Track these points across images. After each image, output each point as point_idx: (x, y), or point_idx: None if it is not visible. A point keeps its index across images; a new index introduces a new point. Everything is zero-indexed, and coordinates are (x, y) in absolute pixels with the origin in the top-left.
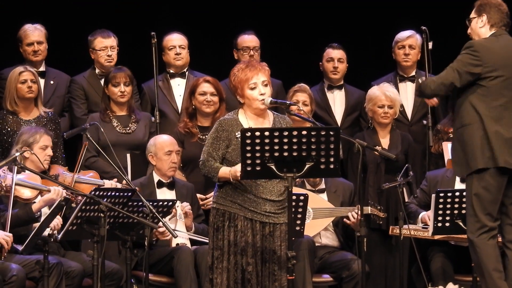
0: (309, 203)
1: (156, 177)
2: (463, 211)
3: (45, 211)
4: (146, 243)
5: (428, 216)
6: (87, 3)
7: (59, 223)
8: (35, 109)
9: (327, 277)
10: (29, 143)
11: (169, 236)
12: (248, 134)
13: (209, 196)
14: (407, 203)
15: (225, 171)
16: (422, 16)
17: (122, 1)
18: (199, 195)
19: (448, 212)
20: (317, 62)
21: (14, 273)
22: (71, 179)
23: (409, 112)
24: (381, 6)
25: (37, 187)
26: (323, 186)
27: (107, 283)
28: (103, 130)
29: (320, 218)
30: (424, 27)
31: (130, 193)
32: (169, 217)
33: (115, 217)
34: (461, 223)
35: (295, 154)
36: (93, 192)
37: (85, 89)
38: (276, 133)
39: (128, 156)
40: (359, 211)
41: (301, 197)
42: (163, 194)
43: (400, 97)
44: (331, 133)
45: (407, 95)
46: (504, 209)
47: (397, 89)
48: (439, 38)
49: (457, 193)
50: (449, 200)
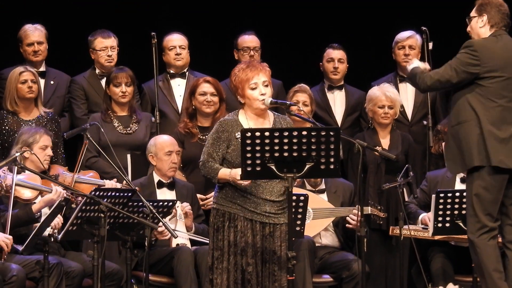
0: (309, 203)
1: (156, 177)
2: (463, 212)
3: (45, 211)
4: (146, 243)
5: (428, 217)
6: (87, 3)
7: (59, 222)
8: (35, 109)
9: (327, 278)
10: (29, 143)
11: (168, 235)
12: (248, 134)
13: (209, 196)
14: (407, 203)
15: (225, 173)
16: (422, 16)
17: (122, 1)
18: (199, 195)
19: (448, 212)
20: (318, 62)
21: (14, 273)
22: (71, 179)
23: (409, 112)
24: (381, 6)
25: (37, 187)
26: (323, 186)
27: (107, 284)
28: (104, 130)
29: (320, 218)
30: (424, 28)
31: (130, 193)
32: (169, 217)
33: (115, 217)
34: (461, 224)
35: (295, 154)
36: (93, 192)
37: (85, 89)
38: (276, 134)
39: (128, 156)
40: (359, 212)
41: (301, 198)
42: (163, 194)
43: (400, 97)
44: (331, 133)
45: (407, 95)
46: (504, 209)
47: (397, 89)
48: (439, 38)
49: (457, 194)
50: (449, 200)
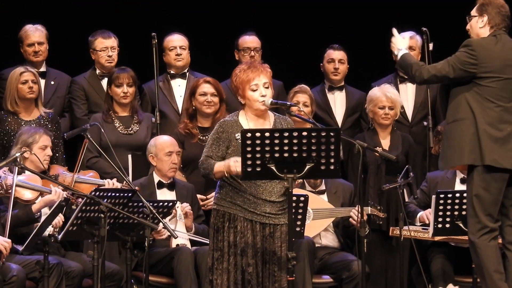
0: (310, 203)
1: (156, 178)
2: (463, 212)
3: (45, 211)
4: (146, 243)
5: (425, 214)
6: (88, 4)
7: (60, 220)
8: (36, 109)
9: (327, 278)
10: (29, 143)
11: (166, 235)
12: (248, 135)
13: (209, 196)
14: (406, 203)
15: (219, 164)
16: (422, 17)
17: (122, 2)
18: (199, 196)
19: (448, 213)
20: (318, 63)
21: (14, 273)
22: (71, 179)
23: (410, 113)
24: (381, 6)
25: (38, 188)
26: (323, 187)
27: (107, 284)
28: (105, 130)
29: (320, 219)
30: (424, 28)
31: (130, 194)
32: (169, 217)
33: (115, 217)
34: (461, 224)
35: (295, 155)
36: (93, 192)
37: (85, 90)
38: (276, 134)
39: (129, 157)
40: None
41: (301, 198)
42: (163, 194)
43: (400, 98)
44: (332, 134)
45: (407, 96)
46: (504, 210)
47: (397, 90)
48: (440, 39)
49: (457, 194)
50: (449, 201)
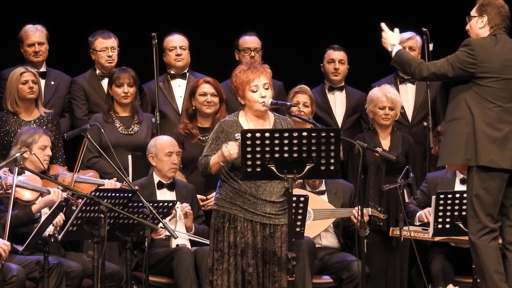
0: (310, 204)
1: (156, 178)
2: (463, 213)
3: (45, 211)
4: (146, 244)
5: (424, 213)
6: (88, 4)
7: (61, 220)
8: (36, 110)
9: (327, 278)
10: (28, 144)
11: (163, 235)
12: (248, 135)
13: (209, 197)
14: (406, 203)
15: (214, 156)
16: (422, 17)
17: (122, 2)
18: (199, 196)
19: (448, 213)
20: (318, 63)
21: (14, 274)
22: (70, 179)
23: (410, 113)
24: (381, 6)
25: (38, 189)
26: (323, 188)
27: (107, 284)
28: (105, 130)
29: (320, 219)
30: (424, 29)
31: (130, 194)
32: (169, 218)
33: (115, 217)
34: (461, 225)
35: (295, 155)
36: (93, 192)
37: (85, 90)
38: (276, 134)
39: (129, 157)
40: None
41: (302, 198)
42: (163, 195)
43: (400, 98)
44: (332, 134)
45: (407, 96)
46: (504, 210)
47: (397, 90)
48: (440, 39)
49: (457, 195)
50: (449, 201)
